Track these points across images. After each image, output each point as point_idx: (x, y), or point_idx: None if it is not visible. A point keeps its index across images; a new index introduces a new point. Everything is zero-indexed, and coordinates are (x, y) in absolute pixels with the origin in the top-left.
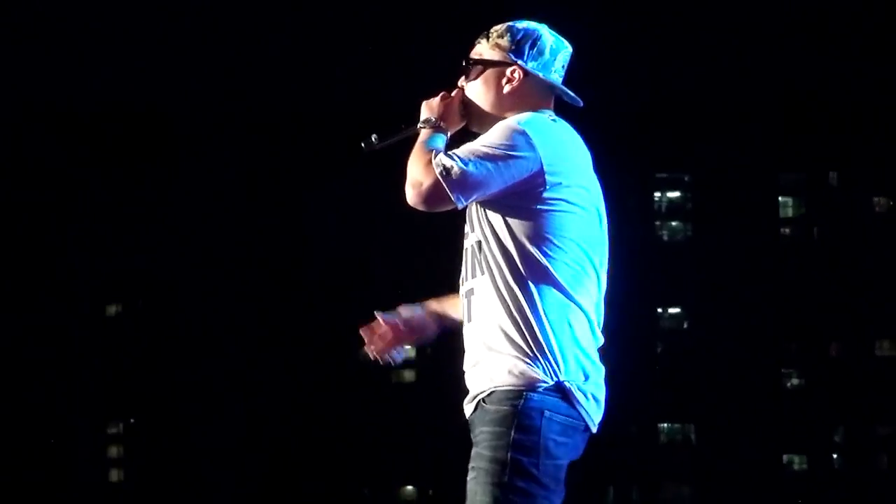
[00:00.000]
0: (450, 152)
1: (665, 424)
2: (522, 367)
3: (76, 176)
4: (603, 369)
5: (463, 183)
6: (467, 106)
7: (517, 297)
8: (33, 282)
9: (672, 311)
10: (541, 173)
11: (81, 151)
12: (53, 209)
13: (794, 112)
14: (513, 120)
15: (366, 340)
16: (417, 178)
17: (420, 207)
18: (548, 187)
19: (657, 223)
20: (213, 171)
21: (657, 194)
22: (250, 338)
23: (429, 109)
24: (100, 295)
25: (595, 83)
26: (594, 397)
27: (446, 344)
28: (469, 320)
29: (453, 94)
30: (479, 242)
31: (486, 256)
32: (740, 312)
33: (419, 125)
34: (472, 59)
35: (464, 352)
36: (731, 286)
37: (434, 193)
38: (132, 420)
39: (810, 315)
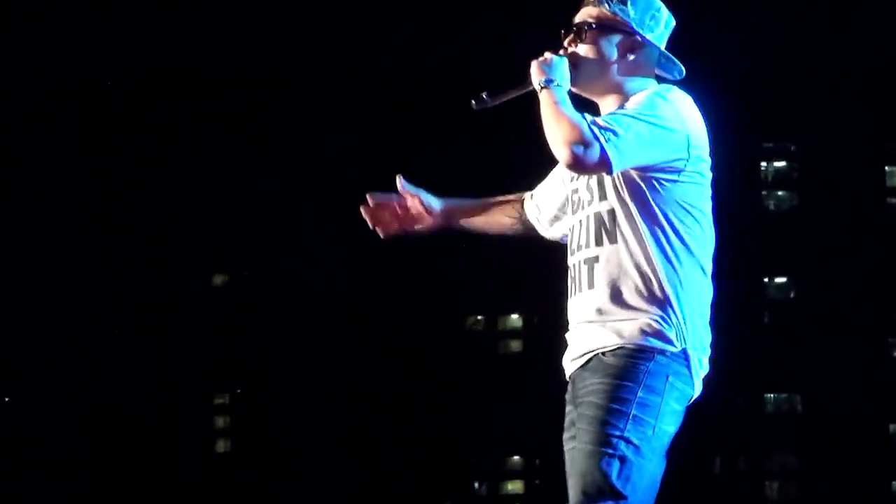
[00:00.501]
0: (605, 118)
1: (771, 395)
2: (657, 327)
3: (178, 145)
4: (711, 336)
5: (624, 150)
6: (576, 67)
7: (654, 264)
8: (137, 252)
9: (778, 280)
10: (686, 147)
11: (181, 121)
12: (155, 179)
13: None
14: (657, 91)
15: (368, 220)
16: (574, 138)
17: (574, 169)
18: (689, 160)
19: (764, 193)
20: (320, 142)
21: (763, 164)
22: (353, 307)
23: (543, 69)
24: (206, 265)
25: (699, 51)
26: (705, 367)
27: (553, 315)
28: (590, 287)
29: (562, 54)
30: (613, 211)
31: (620, 224)
32: (847, 282)
33: (539, 83)
34: (590, 21)
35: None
36: (838, 256)
37: (594, 156)
38: (238, 391)
39: None
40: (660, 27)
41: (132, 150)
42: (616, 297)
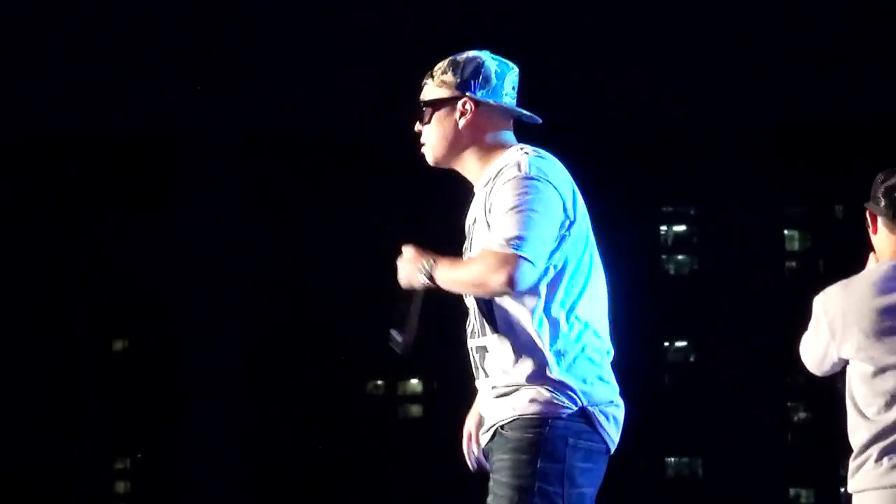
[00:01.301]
0: (497, 230)
1: (672, 458)
2: (547, 395)
3: (78, 210)
4: (617, 387)
5: (533, 244)
6: (430, 146)
7: (537, 339)
8: (38, 314)
9: (678, 343)
10: (566, 210)
11: (80, 184)
12: (57, 242)
13: (798, 145)
14: (518, 171)
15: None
16: (487, 275)
17: (515, 288)
18: (567, 223)
19: (663, 256)
20: (215, 201)
21: (663, 228)
22: (254, 371)
23: (415, 269)
24: (105, 330)
25: (598, 116)
26: (614, 418)
27: (453, 380)
28: (486, 375)
29: (406, 250)
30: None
31: (499, 311)
32: (747, 346)
33: (423, 284)
34: (423, 101)
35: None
36: (738, 319)
37: (514, 268)
38: (139, 455)
39: None
40: (491, 81)
41: (34, 211)
42: (507, 376)
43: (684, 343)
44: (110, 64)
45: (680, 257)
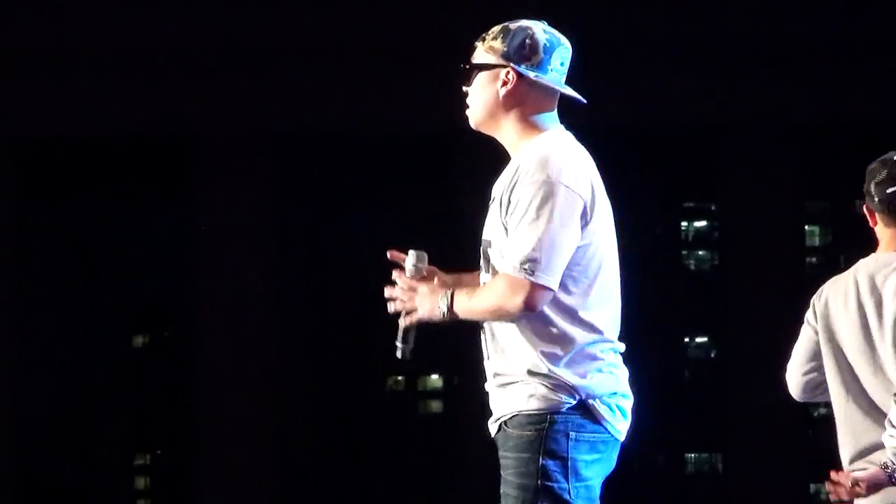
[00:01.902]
0: (515, 247)
1: (692, 454)
2: (544, 390)
3: (99, 204)
4: (625, 378)
5: (550, 266)
6: (469, 107)
7: (537, 332)
8: (60, 311)
9: (699, 340)
10: (584, 215)
11: (103, 180)
12: (77, 239)
13: (819, 140)
14: (541, 174)
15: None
16: (504, 301)
17: (533, 310)
18: (585, 224)
19: (684, 252)
20: (238, 199)
21: (684, 224)
22: (274, 367)
23: (434, 305)
24: (126, 325)
25: (617, 113)
26: (619, 408)
27: (474, 375)
28: (488, 357)
29: (420, 287)
30: None
31: None
32: (767, 341)
33: (443, 317)
34: (469, 63)
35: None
36: (759, 315)
37: (532, 294)
38: (159, 452)
39: None
40: (538, 54)
41: (51, 206)
42: (506, 365)
43: (705, 339)
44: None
45: (700, 253)
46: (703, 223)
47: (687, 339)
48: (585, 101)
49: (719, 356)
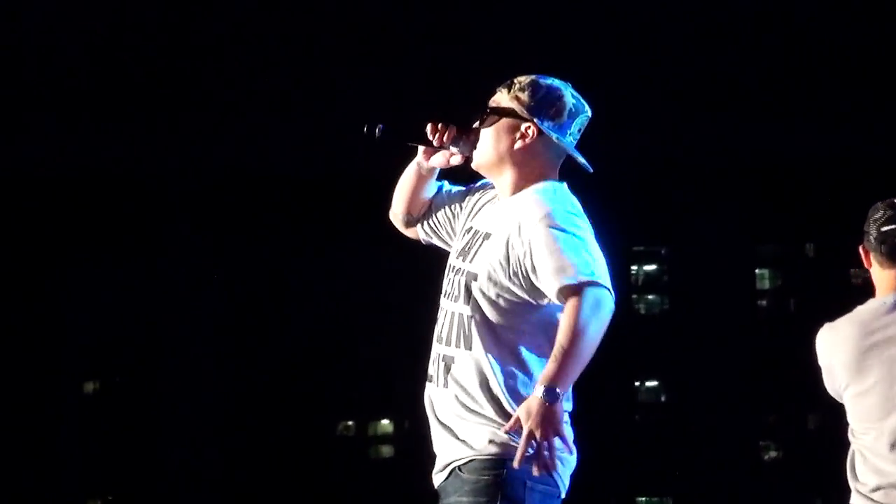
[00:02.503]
0: (549, 277)
1: (643, 497)
2: (504, 436)
3: (52, 251)
4: (572, 434)
5: (598, 268)
6: (475, 147)
7: (506, 373)
8: (12, 358)
9: (649, 383)
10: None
11: (55, 226)
12: (31, 285)
13: (770, 183)
14: (555, 205)
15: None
16: (586, 309)
17: (607, 314)
18: None
19: (634, 296)
20: (192, 244)
21: (634, 267)
22: (227, 412)
23: (546, 414)
24: (78, 371)
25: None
26: (567, 462)
27: (425, 420)
28: (445, 385)
29: (521, 415)
30: (472, 318)
31: (476, 333)
32: (717, 384)
33: (561, 413)
34: (489, 106)
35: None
36: (709, 358)
37: (598, 296)
38: (110, 497)
39: (788, 387)
40: (562, 117)
41: (7, 254)
42: (466, 402)
43: (655, 383)
44: (78, 104)
45: (650, 297)
46: (652, 267)
47: (637, 383)
48: (592, 171)
49: (670, 400)
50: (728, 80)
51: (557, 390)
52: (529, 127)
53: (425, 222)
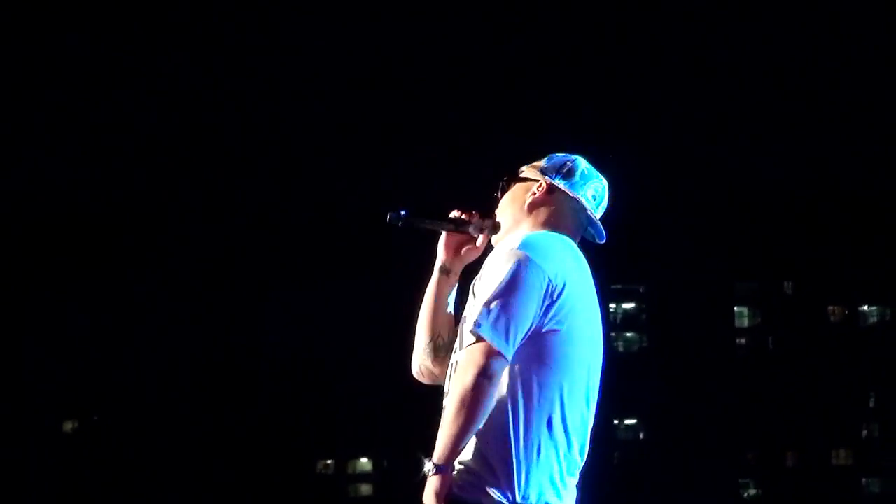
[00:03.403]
0: (469, 321)
1: None
2: (472, 480)
3: (30, 292)
4: (575, 494)
5: (501, 330)
6: (503, 222)
7: (495, 421)
8: None
9: (628, 421)
10: (549, 293)
11: (34, 266)
12: (8, 324)
13: (748, 223)
14: (510, 246)
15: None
16: (464, 368)
17: (492, 382)
18: (551, 304)
19: (612, 334)
20: (166, 279)
21: (612, 306)
22: (205, 450)
23: (429, 481)
24: (56, 410)
25: None
26: None
27: (403, 459)
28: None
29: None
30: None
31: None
32: (696, 422)
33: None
34: (507, 175)
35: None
36: (687, 396)
37: (483, 358)
38: None
39: (767, 424)
40: (573, 177)
41: None
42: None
43: (634, 420)
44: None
45: (629, 334)
46: (631, 305)
47: (616, 421)
48: (604, 241)
49: (648, 438)
50: (709, 119)
51: (439, 463)
52: (541, 185)
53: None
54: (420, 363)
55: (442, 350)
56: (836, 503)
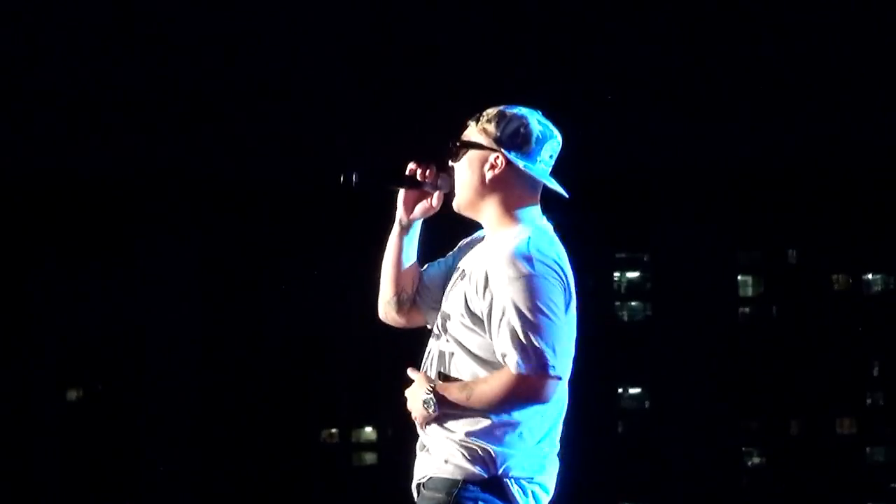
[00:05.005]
0: (514, 340)
1: (626, 503)
2: (459, 457)
3: (35, 260)
4: (553, 467)
5: (559, 356)
6: (460, 190)
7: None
8: None
9: (633, 390)
10: (566, 295)
11: (40, 233)
12: (13, 292)
13: (751, 190)
14: (514, 269)
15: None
16: (516, 396)
17: (547, 399)
18: (567, 305)
19: (617, 303)
20: (174, 251)
21: (616, 274)
22: (209, 420)
23: (419, 400)
24: (61, 379)
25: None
26: (534, 495)
27: (407, 428)
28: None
29: (416, 377)
30: (452, 354)
31: (453, 368)
32: (700, 391)
33: (428, 416)
34: (458, 140)
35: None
36: (691, 365)
37: (544, 387)
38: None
39: (770, 393)
40: (529, 144)
41: None
42: (437, 426)
43: (638, 390)
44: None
45: (633, 303)
46: (635, 274)
47: (620, 391)
48: (569, 196)
49: (653, 407)
50: (710, 89)
51: (445, 405)
52: (497, 157)
53: (424, 297)
54: (385, 312)
55: (406, 303)
56: (840, 471)
